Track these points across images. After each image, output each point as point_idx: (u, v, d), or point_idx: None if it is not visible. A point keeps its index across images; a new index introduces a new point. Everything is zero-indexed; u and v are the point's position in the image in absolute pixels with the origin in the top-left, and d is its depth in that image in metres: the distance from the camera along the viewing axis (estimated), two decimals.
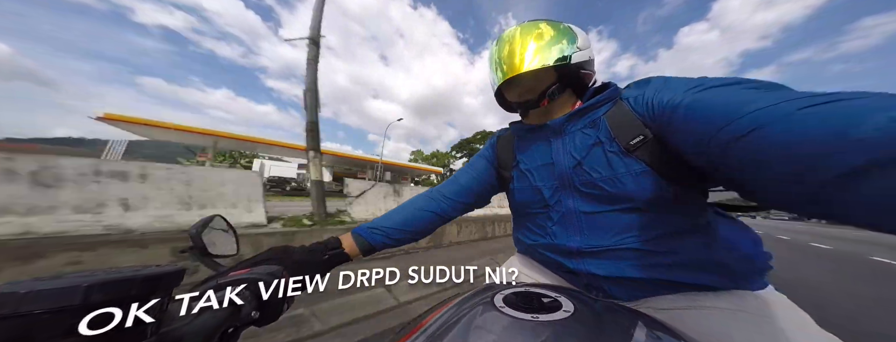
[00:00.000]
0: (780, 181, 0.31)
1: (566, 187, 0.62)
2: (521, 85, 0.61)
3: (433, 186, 0.86)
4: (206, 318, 0.32)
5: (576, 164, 0.60)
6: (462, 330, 0.35)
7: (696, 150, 0.42)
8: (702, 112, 0.41)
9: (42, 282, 0.23)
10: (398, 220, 0.74)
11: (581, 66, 0.60)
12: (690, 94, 0.45)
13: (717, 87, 0.43)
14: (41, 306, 0.22)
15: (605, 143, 0.57)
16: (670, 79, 0.53)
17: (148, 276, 0.27)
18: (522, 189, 0.70)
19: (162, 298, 0.29)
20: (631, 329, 0.36)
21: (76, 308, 0.23)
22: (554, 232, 0.65)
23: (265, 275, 0.44)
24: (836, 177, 0.25)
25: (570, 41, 0.58)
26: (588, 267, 0.60)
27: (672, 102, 0.47)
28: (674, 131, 0.47)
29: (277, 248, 0.56)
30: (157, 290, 0.28)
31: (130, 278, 0.26)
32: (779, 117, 0.31)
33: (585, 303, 0.42)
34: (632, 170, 0.53)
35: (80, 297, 0.23)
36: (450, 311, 0.42)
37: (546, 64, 0.56)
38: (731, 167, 0.37)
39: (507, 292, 0.44)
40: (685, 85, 0.48)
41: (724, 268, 0.54)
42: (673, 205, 0.54)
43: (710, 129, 0.38)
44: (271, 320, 0.44)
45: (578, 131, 0.60)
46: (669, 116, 0.47)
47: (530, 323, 0.35)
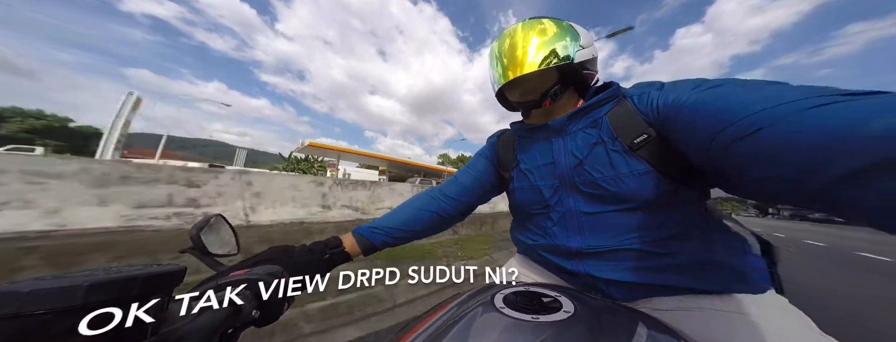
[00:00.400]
0: (785, 180, 0.31)
1: (567, 187, 0.62)
2: (523, 85, 0.61)
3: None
4: (206, 318, 0.32)
5: (577, 163, 0.59)
6: (462, 330, 0.35)
7: (700, 149, 0.42)
8: (706, 111, 0.41)
9: (43, 282, 0.23)
10: (399, 220, 0.74)
11: (584, 65, 0.59)
12: (695, 93, 0.45)
13: (722, 86, 0.43)
14: (43, 306, 0.22)
15: (607, 143, 0.56)
16: (677, 81, 0.53)
17: (148, 276, 0.27)
18: (522, 189, 0.70)
19: (162, 298, 0.29)
20: (632, 329, 0.36)
21: (77, 308, 0.23)
22: (554, 232, 0.65)
23: (265, 275, 0.44)
24: (843, 176, 0.26)
25: (572, 40, 0.58)
26: (587, 269, 0.59)
27: (677, 102, 0.47)
28: (677, 130, 0.46)
29: (278, 248, 0.56)
30: (158, 290, 0.28)
31: (131, 278, 0.26)
32: (785, 116, 0.31)
33: (586, 303, 0.42)
34: (634, 169, 0.53)
35: (81, 297, 0.23)
36: (450, 311, 0.42)
37: (548, 64, 0.56)
38: (735, 165, 0.37)
39: (507, 292, 0.44)
40: (690, 84, 0.48)
41: (725, 270, 0.53)
42: (674, 206, 0.54)
43: (714, 128, 0.38)
44: (272, 320, 0.44)
45: (580, 131, 0.60)
46: (673, 116, 0.47)
47: (530, 323, 0.35)
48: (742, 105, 0.36)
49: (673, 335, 0.37)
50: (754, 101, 0.35)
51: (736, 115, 0.36)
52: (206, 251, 0.50)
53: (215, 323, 0.33)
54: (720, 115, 0.38)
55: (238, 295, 0.38)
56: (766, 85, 0.39)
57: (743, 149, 0.34)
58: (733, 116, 0.36)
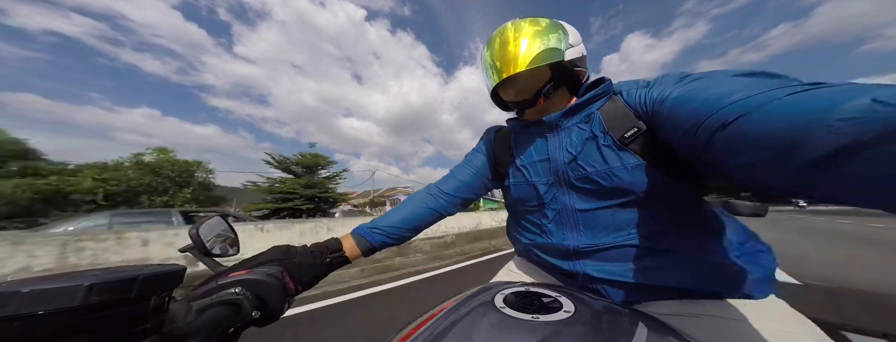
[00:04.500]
0: (764, 165, 0.32)
1: (561, 183, 0.62)
2: (517, 85, 0.61)
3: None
4: (206, 318, 0.32)
5: (571, 159, 0.60)
6: (462, 330, 0.35)
7: (685, 140, 0.42)
8: (689, 103, 0.42)
9: (44, 282, 0.23)
10: (397, 219, 0.74)
11: (574, 62, 0.60)
12: (678, 87, 0.47)
13: (703, 79, 0.44)
14: (43, 306, 0.22)
15: (599, 137, 0.57)
16: (662, 76, 0.54)
17: (149, 276, 0.27)
18: (518, 185, 0.70)
19: (163, 298, 0.29)
20: (632, 330, 0.36)
21: (78, 308, 0.23)
22: (550, 230, 0.65)
23: (266, 275, 0.44)
24: (820, 157, 0.26)
25: (562, 38, 0.58)
26: (585, 269, 0.59)
27: (661, 96, 0.49)
28: (663, 124, 0.48)
29: (279, 248, 0.56)
30: (158, 290, 0.28)
31: (132, 278, 0.26)
32: (763, 103, 0.32)
33: (586, 303, 0.42)
34: (626, 163, 0.54)
35: (81, 297, 0.23)
36: (450, 311, 0.41)
37: (540, 63, 0.56)
38: (718, 153, 0.37)
39: (508, 292, 0.44)
40: (673, 79, 0.50)
41: (725, 272, 0.53)
42: (669, 200, 0.54)
43: (697, 118, 0.39)
44: (272, 320, 0.44)
45: (574, 126, 0.61)
46: (659, 110, 0.49)
47: (530, 323, 0.35)
48: (722, 95, 0.37)
49: (674, 336, 0.37)
50: (734, 91, 0.37)
51: (717, 104, 0.37)
52: (206, 251, 0.50)
53: (216, 322, 0.33)
54: (702, 106, 0.39)
55: (238, 295, 0.38)
56: (742, 76, 0.40)
57: (726, 136, 0.35)
58: (715, 106, 0.37)
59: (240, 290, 0.38)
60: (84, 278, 0.24)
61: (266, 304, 0.42)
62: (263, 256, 0.53)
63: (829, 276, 3.86)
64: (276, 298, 0.43)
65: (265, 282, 0.43)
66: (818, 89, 0.30)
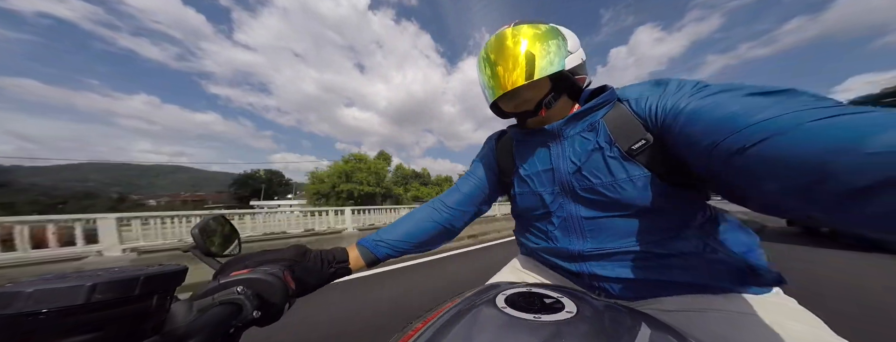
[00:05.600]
0: (788, 195, 0.31)
1: (567, 193, 0.61)
2: (517, 97, 0.59)
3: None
4: (207, 318, 0.32)
5: (576, 169, 0.59)
6: (464, 329, 0.35)
7: (699, 158, 0.41)
8: (706, 120, 0.40)
9: (46, 282, 0.23)
10: (401, 232, 0.73)
11: (574, 71, 0.58)
12: (694, 99, 0.44)
13: (722, 93, 0.42)
14: (45, 305, 0.22)
15: (604, 148, 0.55)
16: (672, 81, 0.52)
17: (150, 276, 0.27)
18: (523, 194, 0.70)
19: (164, 298, 0.29)
20: (634, 330, 0.35)
21: (81, 306, 0.23)
22: (556, 236, 0.64)
23: (267, 275, 0.44)
24: (845, 193, 0.26)
25: (561, 45, 0.57)
26: (591, 268, 0.59)
27: (675, 108, 0.46)
28: (677, 138, 0.46)
29: (299, 248, 0.55)
30: (160, 290, 0.28)
31: (133, 278, 0.26)
32: (786, 129, 0.31)
33: (588, 303, 0.41)
34: (632, 175, 0.53)
35: (83, 297, 0.23)
36: (452, 311, 0.41)
37: (540, 76, 0.55)
38: (736, 176, 0.36)
39: (510, 292, 0.44)
40: (689, 89, 0.47)
41: (730, 268, 0.53)
42: (675, 208, 0.53)
43: (714, 138, 0.37)
44: (273, 320, 0.44)
45: (577, 135, 0.59)
46: (672, 122, 0.46)
47: (532, 323, 0.35)
48: (743, 114, 0.36)
49: (676, 336, 0.37)
50: (755, 111, 0.35)
51: (736, 124, 0.35)
52: (207, 251, 0.50)
53: (216, 322, 0.33)
54: (721, 123, 0.38)
55: (239, 294, 0.38)
56: (766, 93, 0.38)
57: (744, 161, 0.34)
58: (735, 125, 0.35)
59: (241, 290, 0.38)
60: (87, 278, 0.24)
61: (267, 304, 0.42)
62: (265, 256, 0.52)
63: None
64: (278, 298, 0.43)
65: (266, 281, 0.43)
66: (843, 117, 0.29)
